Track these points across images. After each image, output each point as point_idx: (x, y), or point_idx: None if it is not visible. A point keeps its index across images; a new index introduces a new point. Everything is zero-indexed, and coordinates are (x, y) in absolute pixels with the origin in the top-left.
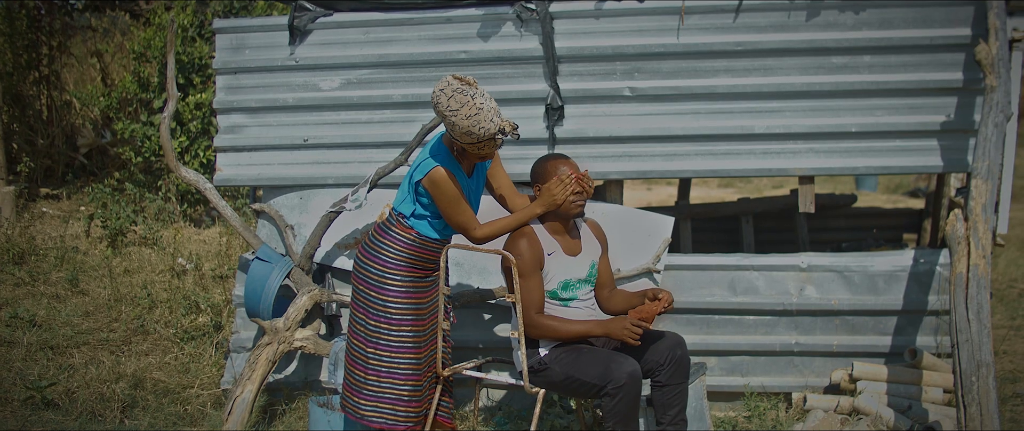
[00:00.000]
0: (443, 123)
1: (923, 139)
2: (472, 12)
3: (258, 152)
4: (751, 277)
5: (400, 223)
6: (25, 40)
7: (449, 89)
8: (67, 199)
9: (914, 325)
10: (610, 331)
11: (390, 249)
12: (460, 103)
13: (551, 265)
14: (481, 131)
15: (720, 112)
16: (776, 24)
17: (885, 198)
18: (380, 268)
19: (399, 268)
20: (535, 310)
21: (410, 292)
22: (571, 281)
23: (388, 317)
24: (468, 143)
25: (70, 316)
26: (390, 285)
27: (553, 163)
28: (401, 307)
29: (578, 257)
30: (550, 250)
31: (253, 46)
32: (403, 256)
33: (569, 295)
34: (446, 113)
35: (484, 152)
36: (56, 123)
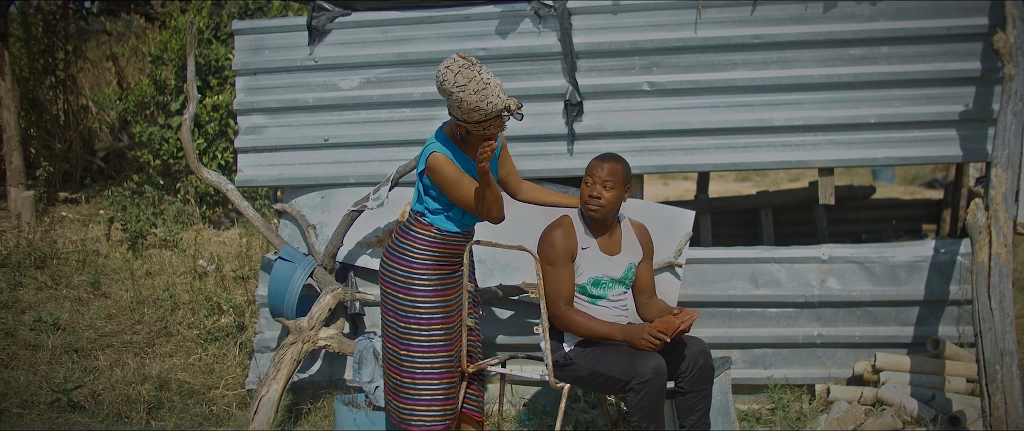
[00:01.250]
0: (449, 102)
1: (942, 129)
2: (490, 9)
3: (279, 152)
4: (772, 269)
5: (419, 222)
6: (41, 45)
7: (455, 65)
8: (86, 203)
9: (936, 315)
10: (630, 337)
11: (414, 249)
12: (467, 78)
13: (583, 259)
14: (489, 106)
15: (739, 105)
16: (793, 16)
17: (902, 189)
18: (406, 269)
19: (425, 267)
20: (563, 301)
21: (438, 290)
22: (603, 279)
23: (418, 317)
24: (475, 121)
25: (93, 319)
26: (417, 285)
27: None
28: (430, 306)
29: (615, 257)
30: (585, 245)
31: (272, 47)
32: (427, 254)
33: (599, 293)
34: (453, 90)
35: (490, 131)
36: (73, 127)
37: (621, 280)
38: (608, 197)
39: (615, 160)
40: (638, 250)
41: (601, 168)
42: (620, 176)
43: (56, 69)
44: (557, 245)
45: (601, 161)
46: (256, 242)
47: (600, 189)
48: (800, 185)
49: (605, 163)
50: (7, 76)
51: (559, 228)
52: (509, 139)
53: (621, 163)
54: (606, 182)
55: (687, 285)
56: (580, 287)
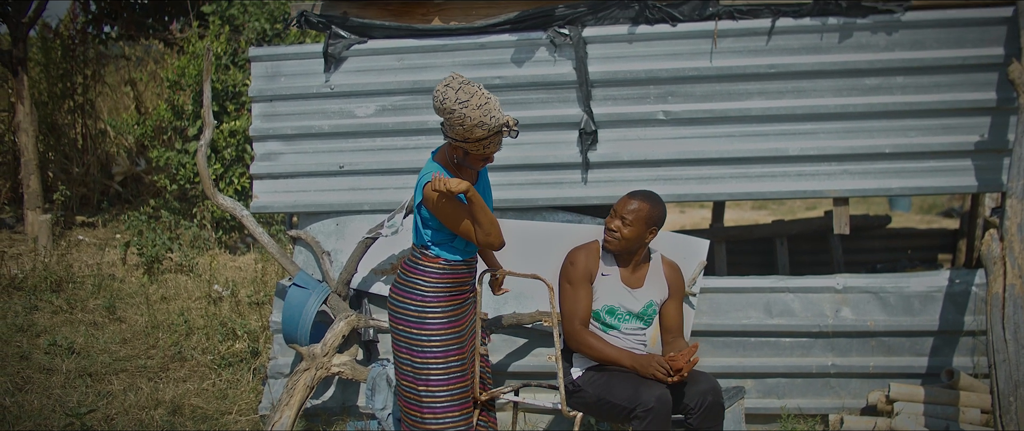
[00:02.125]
0: (449, 122)
1: (957, 159)
2: (506, 38)
3: (294, 179)
4: (787, 299)
5: (425, 255)
6: (60, 69)
7: (454, 83)
8: (103, 227)
9: (951, 346)
10: (638, 364)
11: (424, 283)
12: (469, 94)
13: (601, 285)
14: (492, 120)
15: (754, 135)
16: (809, 46)
17: (919, 218)
18: (419, 303)
19: (438, 300)
20: (578, 321)
21: (451, 322)
22: (618, 309)
23: (433, 351)
24: (477, 139)
25: (108, 343)
26: (430, 319)
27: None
28: (445, 338)
29: (636, 290)
30: (606, 272)
31: (288, 74)
32: (438, 286)
33: (613, 322)
34: (455, 107)
35: (490, 150)
36: (91, 151)
37: (639, 315)
38: (625, 233)
39: (643, 199)
40: (663, 289)
41: (626, 203)
42: (643, 216)
43: (75, 93)
44: (577, 265)
45: (630, 197)
46: (272, 268)
47: (619, 223)
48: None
49: (632, 200)
50: (25, 100)
51: (583, 250)
52: (522, 167)
53: (648, 202)
54: (626, 218)
55: (701, 314)
56: (594, 314)
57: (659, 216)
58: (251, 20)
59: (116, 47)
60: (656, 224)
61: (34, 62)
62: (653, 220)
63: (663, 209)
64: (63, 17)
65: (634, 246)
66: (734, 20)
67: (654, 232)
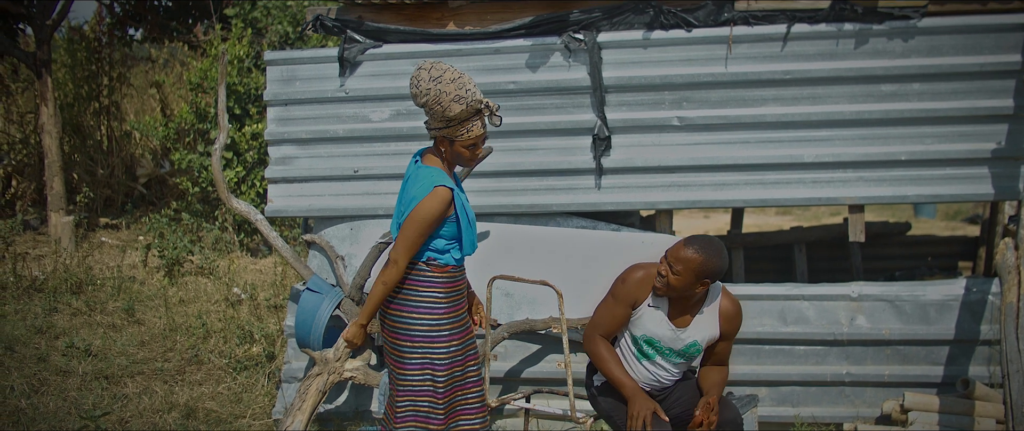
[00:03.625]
0: (429, 108)
1: (974, 166)
2: (521, 43)
3: (309, 183)
4: (801, 307)
5: (433, 265)
6: (85, 71)
7: (425, 65)
8: (126, 229)
9: (966, 355)
10: (630, 401)
11: (433, 294)
12: (441, 70)
13: (644, 315)
14: (469, 94)
15: (769, 141)
16: (825, 52)
17: (944, 225)
18: (430, 317)
19: (447, 311)
20: (600, 331)
21: (454, 332)
22: (660, 344)
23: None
24: (458, 118)
25: (125, 346)
26: (438, 331)
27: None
28: (454, 348)
29: (680, 331)
30: (654, 304)
31: (304, 78)
32: (447, 296)
33: (649, 353)
34: (430, 85)
35: (473, 134)
36: (116, 153)
37: (681, 352)
38: (672, 281)
39: (698, 250)
40: (713, 330)
41: (678, 251)
42: (694, 268)
43: (100, 95)
44: (627, 285)
45: (685, 244)
46: (292, 271)
47: (666, 269)
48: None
49: (686, 248)
50: (49, 103)
51: (640, 271)
52: (536, 173)
53: (703, 254)
54: (674, 267)
55: None
56: (634, 338)
57: (714, 269)
58: (274, 23)
59: (143, 49)
60: (710, 277)
61: (60, 64)
62: (706, 273)
63: (721, 262)
64: (89, 19)
65: (681, 293)
66: (749, 26)
67: (706, 285)
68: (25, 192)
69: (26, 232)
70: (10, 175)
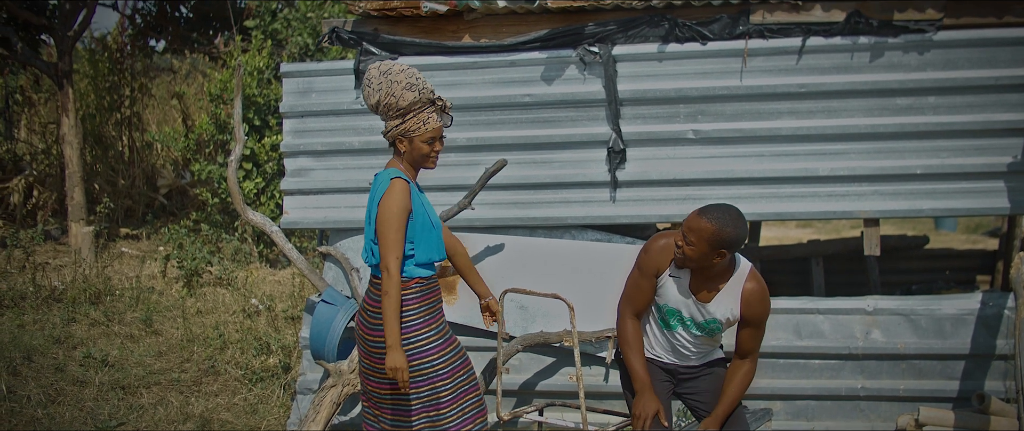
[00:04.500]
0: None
1: (990, 180)
2: (536, 55)
3: (324, 195)
4: (816, 320)
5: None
6: (107, 82)
7: (373, 64)
8: (146, 239)
9: (982, 369)
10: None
11: (406, 314)
12: (389, 65)
13: (665, 285)
14: (420, 82)
15: (784, 154)
16: (840, 66)
17: (963, 238)
18: (409, 335)
19: (426, 325)
20: (631, 307)
21: (445, 341)
22: (682, 315)
23: (433, 376)
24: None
25: (143, 356)
26: (426, 344)
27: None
28: (443, 359)
29: (703, 305)
30: (674, 274)
31: (320, 90)
32: (421, 310)
33: (673, 324)
34: (382, 79)
35: (429, 127)
36: (137, 164)
37: (702, 325)
38: (688, 252)
39: (711, 219)
40: (734, 311)
41: (691, 221)
42: (706, 237)
43: (122, 106)
44: (649, 254)
45: (698, 214)
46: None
47: (682, 240)
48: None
49: (700, 218)
50: (71, 113)
51: (663, 240)
52: (551, 186)
53: (716, 223)
54: (688, 238)
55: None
56: (657, 306)
57: (729, 238)
58: (294, 35)
59: (164, 60)
60: (725, 247)
61: (82, 75)
62: (721, 242)
63: (737, 231)
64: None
65: (699, 265)
66: (764, 39)
67: (723, 255)
68: (46, 202)
69: (47, 242)
70: (32, 185)
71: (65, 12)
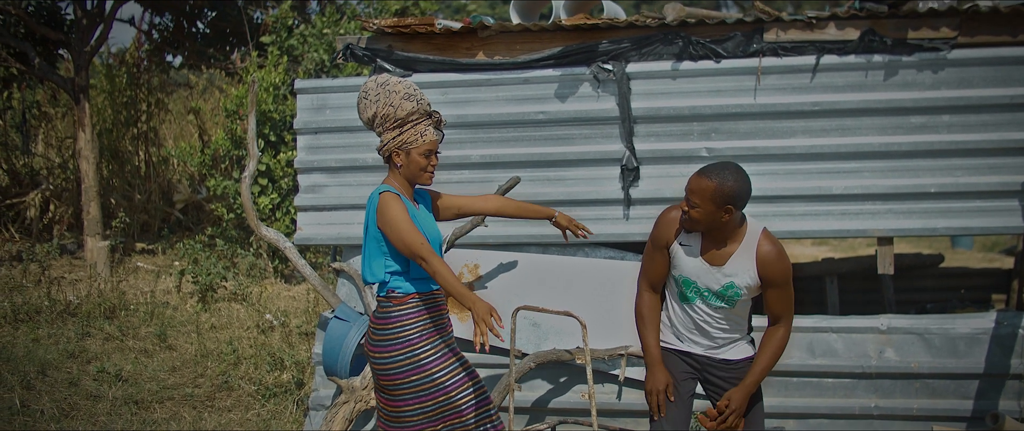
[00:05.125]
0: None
1: (1004, 199)
2: (549, 73)
3: (338, 211)
4: (830, 339)
5: (394, 297)
6: (124, 97)
7: (369, 79)
8: (161, 254)
9: (996, 389)
10: (649, 376)
11: (403, 328)
12: (384, 78)
13: (677, 255)
14: (417, 93)
15: (797, 173)
16: (853, 84)
17: (980, 256)
18: (407, 349)
19: (424, 338)
20: (647, 282)
21: (446, 352)
22: (698, 285)
23: (445, 386)
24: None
25: (156, 371)
26: (425, 358)
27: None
28: (448, 367)
29: (717, 269)
30: (685, 242)
31: (334, 106)
32: (420, 325)
33: (690, 296)
34: (379, 90)
35: (427, 138)
36: (153, 179)
37: (719, 294)
38: (694, 215)
39: (711, 176)
40: (751, 273)
41: (691, 182)
42: (709, 195)
43: (138, 121)
44: (659, 227)
45: (697, 175)
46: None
47: (686, 204)
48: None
49: (700, 178)
50: (87, 128)
51: (673, 211)
52: (564, 203)
53: (717, 179)
54: (691, 200)
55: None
56: (674, 279)
57: (733, 192)
58: (310, 51)
59: (181, 76)
60: (731, 202)
61: (99, 90)
62: (725, 198)
63: (738, 184)
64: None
65: (710, 226)
66: (778, 57)
67: (730, 211)
68: (62, 216)
69: (62, 256)
70: (48, 199)
71: (82, 28)
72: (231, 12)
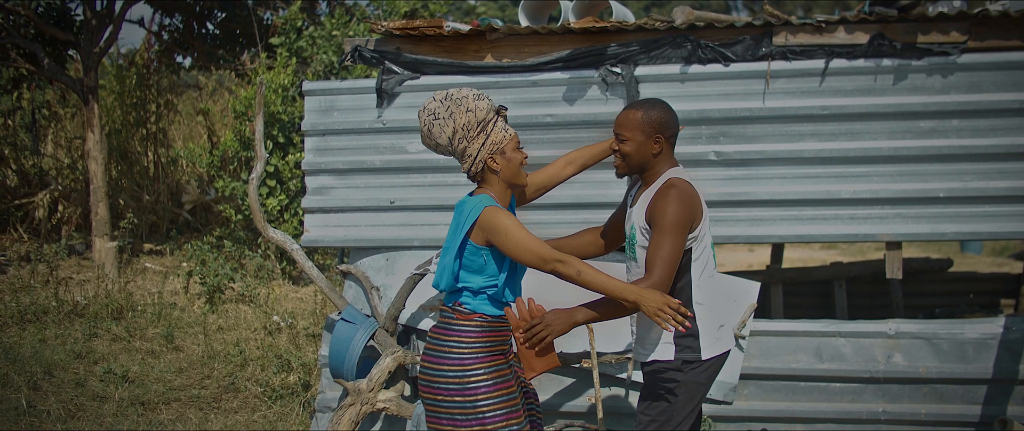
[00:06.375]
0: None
1: (1014, 204)
2: (558, 76)
3: (345, 213)
4: (838, 344)
5: (459, 313)
6: (133, 98)
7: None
8: (170, 255)
9: (1005, 394)
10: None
11: (459, 345)
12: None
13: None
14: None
15: (806, 177)
16: (863, 88)
17: (989, 261)
18: (457, 368)
19: (477, 361)
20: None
21: (498, 383)
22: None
23: (482, 418)
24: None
25: (163, 372)
26: (473, 382)
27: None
28: (492, 402)
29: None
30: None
31: (341, 108)
32: (477, 347)
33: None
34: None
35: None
36: (162, 180)
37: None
38: (626, 150)
39: (635, 107)
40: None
41: (618, 120)
42: (637, 123)
43: (148, 122)
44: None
45: (624, 110)
46: None
47: (616, 142)
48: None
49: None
50: (96, 128)
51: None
52: (573, 206)
53: (642, 108)
54: (621, 135)
55: (750, 357)
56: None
57: (662, 120)
58: (319, 53)
59: (190, 77)
60: (660, 131)
61: (109, 90)
62: (654, 127)
63: (665, 112)
64: (138, 46)
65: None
66: (787, 61)
67: (660, 141)
68: (71, 217)
69: (70, 257)
70: (56, 200)
71: (92, 28)
72: (241, 13)
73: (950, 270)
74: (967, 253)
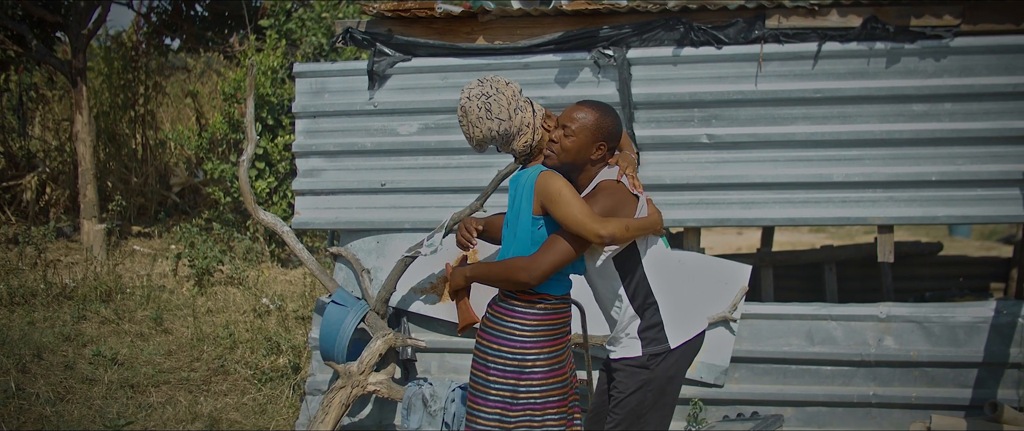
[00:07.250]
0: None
1: (1005, 188)
2: (550, 58)
3: (336, 196)
4: (829, 327)
5: (522, 295)
6: (122, 80)
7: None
8: (158, 238)
9: (995, 378)
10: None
11: (520, 328)
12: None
13: None
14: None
15: (798, 160)
16: (855, 71)
17: (978, 245)
18: (518, 351)
19: (538, 345)
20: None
21: (554, 369)
22: None
23: (532, 403)
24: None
25: (152, 355)
26: (531, 368)
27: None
28: (545, 389)
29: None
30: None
31: (333, 90)
32: (539, 331)
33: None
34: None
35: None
36: (150, 162)
37: None
38: (566, 144)
39: (593, 108)
40: None
41: (572, 111)
42: (589, 125)
43: (136, 104)
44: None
45: (578, 104)
46: None
47: (560, 133)
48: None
49: (580, 108)
50: (84, 111)
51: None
52: None
53: (598, 112)
54: (568, 127)
55: (742, 340)
56: None
57: (611, 129)
58: (308, 35)
59: (179, 59)
60: (605, 140)
61: (97, 72)
62: (602, 133)
63: (615, 122)
64: (127, 28)
65: (575, 162)
66: (780, 44)
67: (602, 149)
68: (59, 199)
69: (59, 239)
70: (44, 182)
71: (80, 10)
72: None
73: (940, 254)
74: (956, 237)
